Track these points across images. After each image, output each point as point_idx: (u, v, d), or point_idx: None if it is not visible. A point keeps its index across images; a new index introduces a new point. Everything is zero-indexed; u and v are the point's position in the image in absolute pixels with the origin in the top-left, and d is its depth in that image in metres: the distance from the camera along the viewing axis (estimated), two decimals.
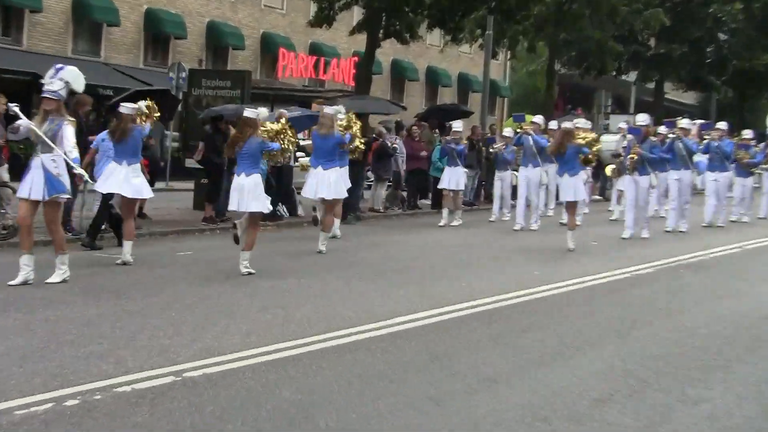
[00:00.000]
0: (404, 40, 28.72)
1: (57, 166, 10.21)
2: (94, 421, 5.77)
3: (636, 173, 17.23)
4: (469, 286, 11.30)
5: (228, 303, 9.71)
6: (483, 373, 7.21)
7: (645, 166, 17.23)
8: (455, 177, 19.20)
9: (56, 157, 10.19)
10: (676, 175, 18.78)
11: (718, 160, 19.99)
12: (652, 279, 12.67)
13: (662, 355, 8.00)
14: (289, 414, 6.07)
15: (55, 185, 10.20)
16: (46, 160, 10.20)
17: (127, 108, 12.33)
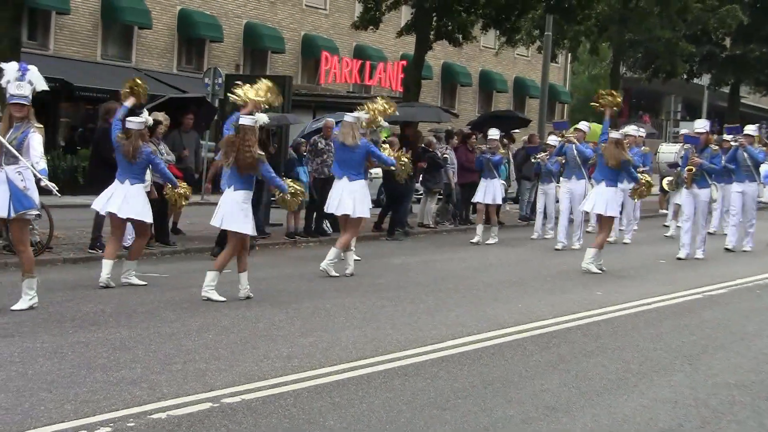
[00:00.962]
0: (456, 41, 28.75)
1: (24, 179, 9.83)
2: None
3: (694, 186, 16.67)
4: (526, 308, 11.33)
5: (268, 325, 9.84)
6: (541, 400, 7.25)
7: (704, 177, 16.71)
8: (491, 190, 18.95)
9: (22, 168, 9.81)
10: (739, 187, 18.37)
11: (747, 169, 18.74)
12: (725, 300, 12.61)
13: (737, 383, 7.97)
14: None
15: (22, 200, 9.87)
16: (11, 172, 9.81)
17: (134, 123, 12.03)
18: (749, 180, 18.30)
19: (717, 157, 16.86)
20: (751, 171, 18.22)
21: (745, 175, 18.23)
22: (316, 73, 37.18)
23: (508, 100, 48.35)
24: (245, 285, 11.32)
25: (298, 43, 37.73)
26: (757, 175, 18.47)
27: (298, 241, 17.66)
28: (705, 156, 16.65)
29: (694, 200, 16.71)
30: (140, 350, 8.46)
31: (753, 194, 18.51)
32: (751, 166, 18.13)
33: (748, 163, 18.07)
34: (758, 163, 18.28)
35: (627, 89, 47.08)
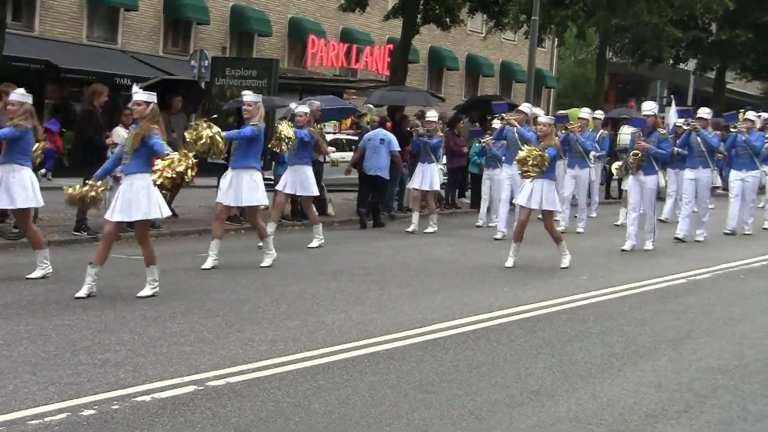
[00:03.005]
0: (444, 25, 28.72)
1: None
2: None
3: (640, 173, 15.70)
4: (511, 292, 11.35)
5: (253, 308, 9.82)
6: (526, 384, 7.27)
7: (652, 163, 15.67)
8: (428, 175, 17.75)
9: None
10: (692, 174, 17.36)
11: (747, 157, 18.43)
12: (710, 285, 12.65)
13: (721, 368, 8.00)
14: (318, 427, 6.15)
15: None
16: None
17: None
18: (703, 166, 17.24)
19: (665, 141, 15.77)
20: (705, 157, 17.19)
21: (699, 161, 17.24)
22: (303, 56, 37.10)
23: (495, 85, 48.33)
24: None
25: (284, 26, 37.60)
26: (711, 161, 17.45)
27: (284, 224, 17.61)
28: (652, 140, 15.56)
29: (641, 188, 15.73)
30: (125, 333, 8.44)
31: (707, 181, 17.42)
32: (705, 152, 17.14)
33: (702, 148, 17.14)
34: (712, 148, 17.25)
35: (613, 74, 47.10)
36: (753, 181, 18.65)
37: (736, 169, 18.74)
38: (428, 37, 39.39)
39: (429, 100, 26.72)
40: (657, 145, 15.50)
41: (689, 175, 17.46)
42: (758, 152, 18.43)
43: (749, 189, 18.63)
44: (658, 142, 15.53)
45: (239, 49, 35.99)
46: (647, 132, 15.63)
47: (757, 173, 18.69)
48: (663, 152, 15.66)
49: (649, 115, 15.82)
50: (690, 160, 17.44)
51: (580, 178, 18.83)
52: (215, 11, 34.62)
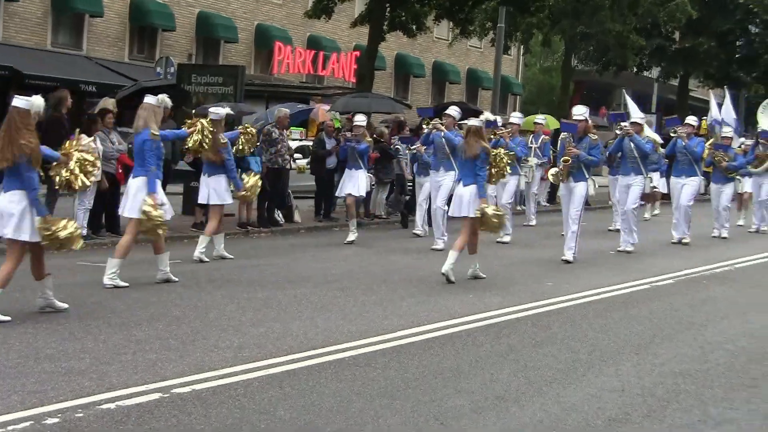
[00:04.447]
0: (410, 32, 28.83)
1: None
2: None
3: (570, 179, 15.11)
4: (478, 298, 11.39)
5: (219, 315, 9.80)
6: (491, 390, 7.30)
7: (582, 170, 15.10)
8: (355, 181, 17.04)
9: None
10: (625, 180, 16.75)
11: (687, 163, 18.10)
12: (672, 291, 12.76)
13: (683, 372, 8.08)
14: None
15: None
16: None
17: None
18: (635, 173, 16.54)
19: (596, 147, 15.11)
20: (638, 163, 16.48)
21: (632, 167, 16.55)
22: (270, 63, 37.04)
23: (461, 92, 48.48)
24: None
25: (251, 32, 37.54)
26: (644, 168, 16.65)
27: (250, 231, 17.59)
28: (583, 146, 14.97)
29: (570, 195, 15.15)
30: (89, 340, 8.40)
31: (638, 188, 16.67)
32: (638, 158, 16.43)
33: (635, 154, 16.44)
34: (645, 154, 16.51)
35: (578, 82, 47.35)
36: (692, 187, 18.25)
37: (675, 175, 18.48)
38: (395, 44, 39.46)
39: (393, 107, 26.81)
40: (588, 152, 14.95)
41: (622, 182, 16.91)
42: (698, 158, 18.19)
43: (687, 195, 18.14)
44: (589, 149, 14.98)
45: (205, 56, 35.89)
46: (578, 138, 15.03)
47: (697, 179, 18.38)
48: (593, 159, 15.07)
49: (580, 119, 15.19)
50: (623, 167, 16.81)
51: (510, 185, 17.93)
52: (181, 18, 34.52)
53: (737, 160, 19.60)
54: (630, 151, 16.47)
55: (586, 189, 15.34)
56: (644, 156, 16.52)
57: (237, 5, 36.92)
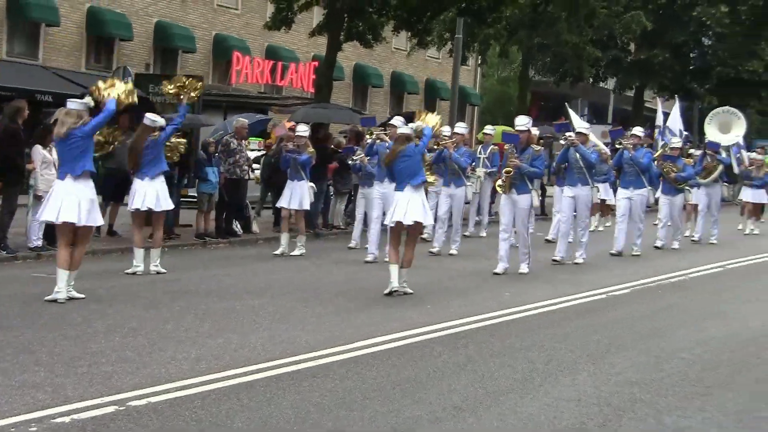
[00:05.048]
0: (368, 43, 28.86)
1: None
2: None
3: (513, 191, 14.78)
4: (435, 309, 11.41)
5: (176, 327, 9.74)
6: (449, 400, 7.31)
7: (525, 182, 14.81)
8: (298, 193, 16.39)
9: None
10: (570, 192, 16.43)
11: (634, 174, 17.90)
12: (629, 300, 12.85)
13: (638, 381, 8.13)
14: None
15: None
16: None
17: None
18: (582, 183, 16.30)
19: (539, 158, 14.85)
20: (584, 173, 16.30)
21: (578, 178, 16.31)
22: (228, 74, 36.90)
23: (420, 102, 48.52)
24: None
25: (209, 42, 37.37)
26: (590, 178, 16.51)
27: (208, 242, 17.51)
28: (525, 158, 14.68)
29: (513, 207, 14.80)
30: (44, 353, 8.30)
31: (586, 200, 16.49)
32: (584, 168, 16.25)
33: (580, 164, 16.22)
34: (591, 164, 16.36)
35: (535, 92, 47.63)
36: (640, 200, 18.02)
37: (623, 187, 18.20)
38: (353, 54, 39.46)
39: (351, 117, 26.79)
40: (530, 163, 14.65)
41: (568, 192, 16.55)
42: (645, 169, 17.96)
43: (636, 207, 17.94)
44: (532, 160, 14.69)
45: (163, 66, 35.66)
46: (520, 149, 14.75)
47: (645, 191, 18.15)
48: (536, 170, 14.87)
49: (523, 130, 14.85)
50: (569, 177, 16.52)
51: (456, 197, 17.44)
52: (139, 27, 34.30)
53: (686, 171, 19.48)
54: (576, 162, 16.29)
55: (531, 200, 14.96)
56: (590, 166, 16.36)
57: (195, 15, 36.77)
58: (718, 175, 21.40)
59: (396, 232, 12.61)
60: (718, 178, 21.50)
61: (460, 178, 17.46)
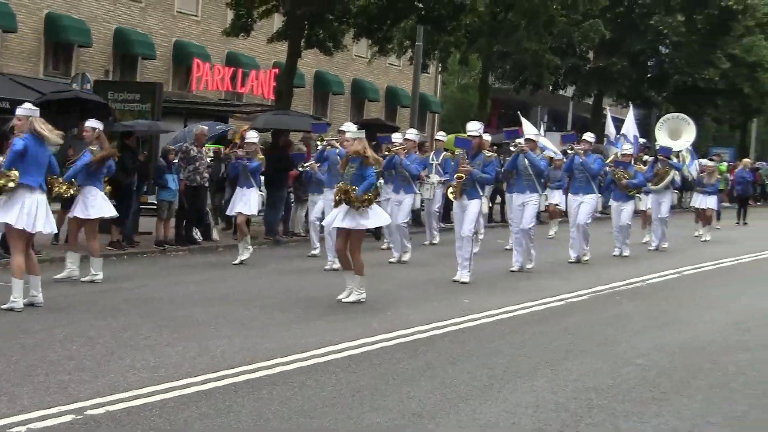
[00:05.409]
0: (328, 50, 28.88)
1: None
2: None
3: (464, 197, 14.64)
4: (395, 316, 11.43)
5: (135, 335, 9.68)
6: (408, 407, 7.33)
7: (476, 188, 14.65)
8: (247, 200, 16.27)
9: None
10: (519, 199, 16.19)
11: (584, 180, 17.76)
12: (587, 307, 12.94)
13: (596, 387, 8.20)
14: None
15: None
16: None
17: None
18: (530, 191, 16.12)
19: (490, 164, 14.69)
20: (533, 180, 16.11)
21: (527, 185, 16.12)
22: (188, 80, 36.76)
23: (380, 109, 48.61)
24: None
25: (169, 49, 37.20)
26: (539, 185, 16.38)
27: (168, 249, 17.43)
28: (477, 163, 14.51)
29: (463, 214, 14.66)
30: (1, 362, 8.23)
31: (534, 207, 16.28)
32: (533, 175, 16.06)
33: (529, 171, 16.01)
34: (540, 171, 16.24)
35: (495, 100, 47.87)
36: (590, 204, 17.81)
37: (573, 192, 18.14)
38: (314, 61, 39.44)
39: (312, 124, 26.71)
40: (481, 169, 14.50)
41: (516, 200, 16.29)
42: (595, 175, 17.84)
43: (584, 213, 17.72)
44: (483, 166, 14.52)
45: (122, 73, 35.46)
46: (472, 154, 14.58)
47: (594, 197, 17.97)
48: (487, 176, 14.66)
49: (474, 136, 14.67)
50: (518, 184, 16.23)
51: (405, 204, 17.23)
52: (98, 34, 34.07)
53: (637, 177, 19.37)
54: (525, 169, 16.05)
55: (480, 207, 14.81)
56: (539, 173, 16.22)
57: (154, 21, 36.59)
58: (669, 182, 21.40)
59: (340, 238, 12.47)
60: (669, 184, 21.48)
61: (410, 185, 17.32)
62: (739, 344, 10.57)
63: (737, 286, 15.89)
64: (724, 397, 8.12)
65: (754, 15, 45.60)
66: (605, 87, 46.55)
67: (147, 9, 36.23)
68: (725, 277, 17.25)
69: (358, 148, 12.23)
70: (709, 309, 13.13)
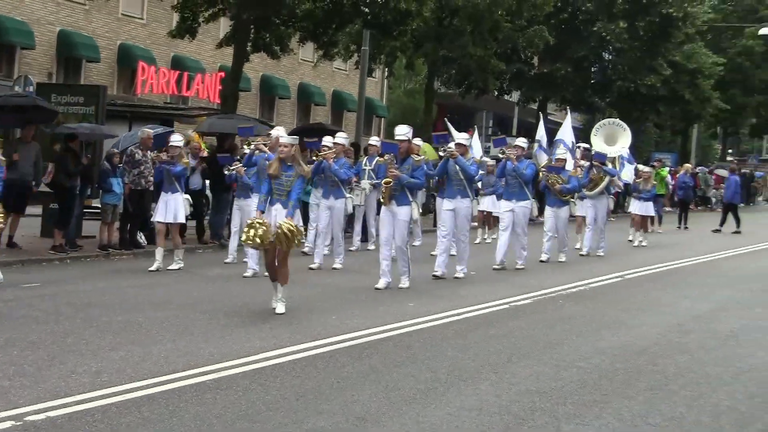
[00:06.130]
0: (274, 54, 28.84)
1: None
2: None
3: (393, 203, 14.32)
4: (340, 320, 11.42)
5: (77, 340, 9.59)
6: (351, 411, 7.33)
7: (405, 193, 14.36)
8: (173, 206, 15.80)
9: None
10: (450, 204, 15.74)
11: (517, 186, 17.36)
12: (530, 310, 13.03)
13: (538, 390, 8.26)
14: None
15: None
16: None
17: None
18: (462, 196, 15.67)
19: (419, 169, 14.43)
20: (464, 186, 15.64)
21: (458, 190, 15.64)
22: (133, 84, 36.46)
23: (327, 113, 48.60)
24: None
25: (114, 52, 36.89)
26: (470, 190, 15.92)
27: (112, 253, 17.27)
28: (405, 168, 14.28)
29: (393, 219, 14.36)
30: None
31: (466, 213, 15.85)
32: (464, 180, 15.60)
33: (460, 176, 15.56)
34: (471, 176, 15.76)
35: (441, 105, 48.05)
36: (523, 212, 17.52)
37: (506, 198, 17.71)
38: (260, 65, 39.34)
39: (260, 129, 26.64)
40: (410, 174, 14.25)
41: (447, 205, 15.80)
42: (528, 181, 17.43)
43: (519, 219, 17.42)
44: (412, 170, 14.28)
45: (66, 75, 35.09)
46: (400, 159, 14.32)
47: (528, 203, 17.72)
48: (417, 181, 14.39)
49: (403, 140, 14.40)
50: (448, 190, 15.79)
51: (335, 209, 16.73)
52: (41, 36, 33.70)
53: (571, 182, 19.16)
54: (455, 174, 15.59)
55: (410, 213, 14.42)
56: (470, 178, 15.78)
57: (99, 24, 36.25)
58: (604, 187, 21.31)
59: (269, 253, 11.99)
60: (604, 189, 21.39)
61: (340, 190, 16.84)
62: (679, 346, 10.71)
63: (678, 289, 16.08)
64: (663, 398, 8.21)
65: (694, 23, 46.27)
66: (550, 92, 46.90)
67: (91, 11, 35.87)
68: (666, 280, 17.45)
69: (295, 156, 11.92)
70: (650, 312, 13.27)
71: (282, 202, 11.81)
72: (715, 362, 9.85)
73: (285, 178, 11.82)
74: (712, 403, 8.12)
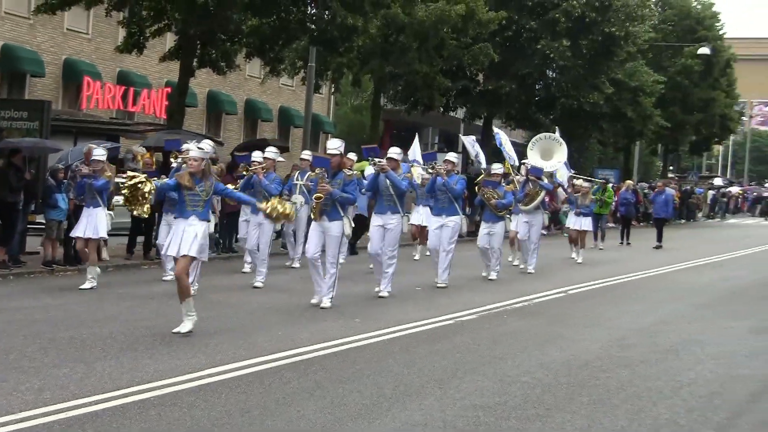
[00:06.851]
0: (220, 70, 28.75)
1: None
2: None
3: (324, 218, 13.94)
4: (286, 335, 11.40)
5: (20, 356, 9.47)
6: (297, 427, 7.32)
7: (336, 208, 13.97)
8: (93, 221, 15.24)
9: None
10: (379, 220, 15.46)
11: (447, 201, 16.98)
12: (475, 325, 13.09)
13: (482, 405, 8.31)
14: None
15: None
16: None
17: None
18: (392, 212, 15.41)
19: (351, 183, 13.99)
20: (394, 201, 15.40)
21: (388, 206, 15.41)
22: (78, 99, 36.13)
23: (273, 129, 48.49)
24: None
25: (59, 67, 36.52)
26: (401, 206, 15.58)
27: (56, 269, 17.08)
28: (337, 182, 13.89)
29: (324, 235, 13.96)
30: None
31: (396, 229, 15.47)
32: (394, 196, 15.38)
33: (390, 191, 15.33)
34: (401, 191, 15.46)
35: (388, 121, 48.16)
36: (452, 227, 16.98)
37: (435, 214, 17.33)
38: (207, 80, 39.18)
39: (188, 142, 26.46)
40: (342, 189, 13.84)
41: (376, 221, 15.51)
42: (458, 196, 17.06)
43: (446, 236, 16.94)
44: (344, 185, 13.87)
45: (10, 90, 34.65)
46: (332, 173, 13.94)
47: (457, 219, 17.15)
48: (348, 196, 13.89)
49: (334, 154, 13.99)
50: (378, 205, 15.56)
51: (265, 225, 16.15)
52: None
53: (506, 197, 18.71)
54: (386, 189, 15.32)
55: (342, 228, 13.95)
56: (401, 194, 15.46)
57: (44, 38, 35.88)
58: (539, 202, 20.94)
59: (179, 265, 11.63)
60: (539, 205, 21.00)
61: None
62: (621, 360, 10.82)
63: (620, 304, 16.25)
64: (605, 412, 8.30)
65: (636, 41, 46.83)
66: (495, 109, 47.19)
67: (36, 26, 35.48)
68: (609, 295, 17.63)
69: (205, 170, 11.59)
70: (593, 327, 13.40)
71: (197, 214, 11.46)
72: (656, 376, 9.97)
73: (199, 189, 11.53)
74: (653, 417, 8.22)
